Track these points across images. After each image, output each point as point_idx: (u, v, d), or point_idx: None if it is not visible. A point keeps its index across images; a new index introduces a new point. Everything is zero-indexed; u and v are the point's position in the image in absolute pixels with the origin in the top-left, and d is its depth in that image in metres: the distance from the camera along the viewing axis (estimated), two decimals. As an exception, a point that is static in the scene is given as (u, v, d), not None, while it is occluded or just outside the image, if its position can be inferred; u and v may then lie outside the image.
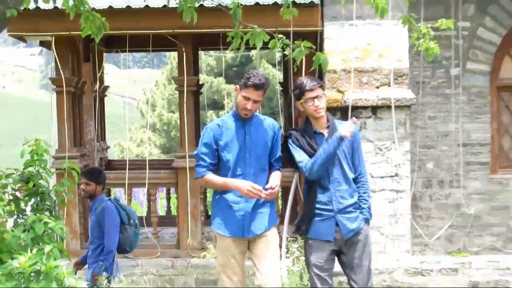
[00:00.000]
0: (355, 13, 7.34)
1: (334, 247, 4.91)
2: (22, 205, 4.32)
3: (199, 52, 12.14)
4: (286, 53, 4.75)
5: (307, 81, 4.92)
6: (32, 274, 3.44)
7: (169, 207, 10.97)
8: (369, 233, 5.12)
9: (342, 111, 7.20)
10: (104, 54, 10.45)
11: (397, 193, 7.30)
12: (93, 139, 9.25)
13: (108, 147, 10.63)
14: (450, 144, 7.69)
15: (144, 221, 8.36)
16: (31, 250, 3.59)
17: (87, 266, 6.28)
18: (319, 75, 7.11)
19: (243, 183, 4.70)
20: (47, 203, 4.38)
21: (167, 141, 26.66)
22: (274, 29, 5.12)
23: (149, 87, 30.03)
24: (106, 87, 10.26)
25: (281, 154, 5.04)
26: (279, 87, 11.32)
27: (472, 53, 7.69)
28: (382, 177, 7.28)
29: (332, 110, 6.04)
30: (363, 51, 7.40)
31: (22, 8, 4.68)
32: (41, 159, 4.38)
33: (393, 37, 7.37)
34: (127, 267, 7.35)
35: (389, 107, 7.22)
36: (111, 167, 10.06)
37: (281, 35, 4.73)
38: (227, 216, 4.85)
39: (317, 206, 4.90)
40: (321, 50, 7.26)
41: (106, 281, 5.73)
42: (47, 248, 3.67)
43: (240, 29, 4.65)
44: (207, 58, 24.92)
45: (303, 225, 4.97)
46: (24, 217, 4.23)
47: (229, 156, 4.82)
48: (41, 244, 3.85)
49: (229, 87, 23.93)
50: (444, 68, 7.69)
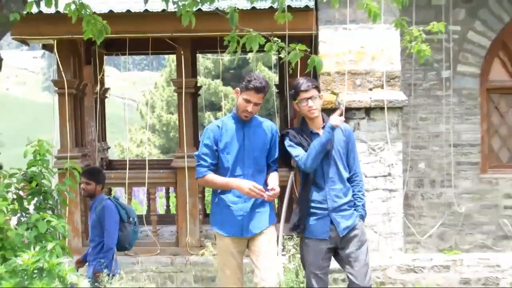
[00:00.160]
0: (349, 17, 7.35)
1: (330, 245, 4.88)
2: (25, 204, 4.32)
3: (197, 55, 12.15)
4: (282, 56, 4.75)
5: (302, 82, 4.89)
6: (35, 271, 3.44)
7: (168, 206, 10.97)
8: (364, 230, 5.11)
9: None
10: (105, 57, 10.44)
11: (390, 192, 7.31)
12: (94, 139, 9.25)
13: (109, 148, 10.62)
14: (441, 145, 7.71)
15: (144, 219, 8.37)
16: (34, 247, 3.59)
17: (87, 263, 6.29)
18: (313, 77, 7.10)
19: (245, 183, 4.69)
20: (49, 202, 4.37)
21: (166, 141, 26.62)
22: (270, 32, 5.14)
23: (149, 89, 29.96)
24: (107, 89, 10.26)
25: (278, 156, 5.02)
26: (275, 89, 11.30)
27: (462, 56, 7.71)
28: (376, 177, 7.29)
29: (326, 112, 5.99)
30: (356, 54, 7.42)
31: (25, 12, 4.69)
32: (44, 159, 4.38)
33: (385, 41, 7.39)
34: (128, 264, 7.36)
35: (382, 108, 7.23)
36: (112, 167, 10.06)
37: (276, 38, 4.75)
38: (226, 216, 4.84)
39: (312, 205, 4.88)
40: (315, 53, 7.27)
41: (107, 278, 5.73)
42: (50, 246, 3.67)
43: (237, 32, 4.66)
44: (205, 61, 24.89)
45: (299, 224, 4.94)
46: (27, 215, 4.22)
47: (228, 157, 4.81)
48: (44, 241, 3.84)
49: (226, 89, 23.93)
50: (435, 71, 7.71)
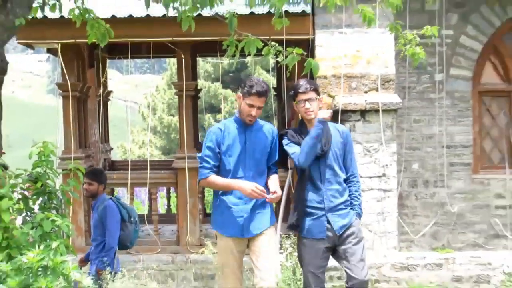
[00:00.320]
0: (345, 22, 7.37)
1: (327, 244, 4.86)
2: (31, 203, 4.31)
3: (197, 58, 12.13)
4: (279, 59, 4.76)
5: (302, 84, 4.86)
6: (40, 269, 3.44)
7: (169, 205, 10.96)
8: (361, 228, 5.11)
9: (332, 115, 7.21)
10: (108, 61, 10.44)
11: (385, 192, 7.32)
12: (97, 141, 9.25)
13: (112, 149, 10.62)
14: (434, 146, 7.72)
15: (146, 219, 8.36)
16: (39, 246, 3.58)
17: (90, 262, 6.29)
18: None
19: (247, 184, 4.68)
20: (54, 201, 4.37)
21: (167, 143, 26.59)
22: (268, 37, 5.15)
23: (150, 91, 29.92)
24: (110, 92, 10.25)
25: (277, 159, 5.02)
26: (273, 92, 11.31)
27: (455, 60, 7.72)
28: (371, 177, 7.30)
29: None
30: (352, 58, 7.43)
31: (30, 17, 4.70)
32: (48, 160, 4.37)
33: (380, 45, 7.40)
34: (130, 262, 7.36)
35: (377, 111, 7.24)
36: (114, 167, 10.06)
37: (274, 42, 4.75)
38: (227, 217, 4.83)
39: (309, 205, 4.87)
40: (312, 57, 7.28)
41: (109, 276, 5.73)
42: (54, 244, 3.67)
43: (235, 37, 4.66)
44: (204, 64, 24.89)
45: (296, 224, 4.93)
46: (32, 215, 4.22)
47: (230, 159, 4.81)
48: (48, 240, 3.84)
49: (226, 91, 23.91)
50: (429, 74, 7.72)
